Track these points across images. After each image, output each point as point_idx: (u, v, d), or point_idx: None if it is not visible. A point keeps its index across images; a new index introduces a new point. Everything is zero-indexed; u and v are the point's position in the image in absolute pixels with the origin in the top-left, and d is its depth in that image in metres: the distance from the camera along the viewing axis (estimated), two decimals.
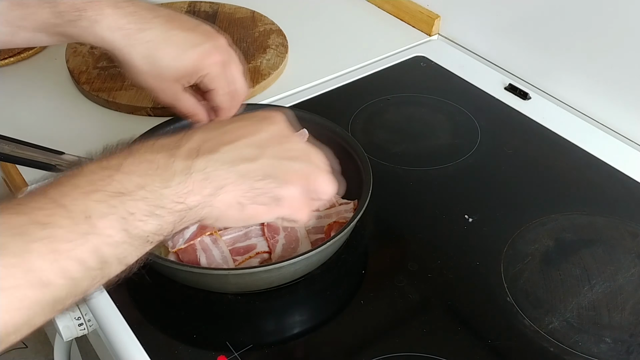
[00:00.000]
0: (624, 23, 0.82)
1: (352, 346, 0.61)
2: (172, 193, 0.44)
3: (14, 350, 1.72)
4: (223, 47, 0.65)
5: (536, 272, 0.68)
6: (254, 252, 0.66)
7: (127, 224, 0.41)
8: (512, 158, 0.84)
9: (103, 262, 0.40)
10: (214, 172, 0.46)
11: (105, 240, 0.40)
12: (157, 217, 0.43)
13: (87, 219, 0.40)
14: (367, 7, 1.17)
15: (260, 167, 0.49)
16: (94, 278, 0.41)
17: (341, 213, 0.70)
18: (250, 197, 0.48)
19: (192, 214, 0.46)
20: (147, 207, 0.42)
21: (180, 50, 0.62)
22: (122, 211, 0.41)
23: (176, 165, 0.45)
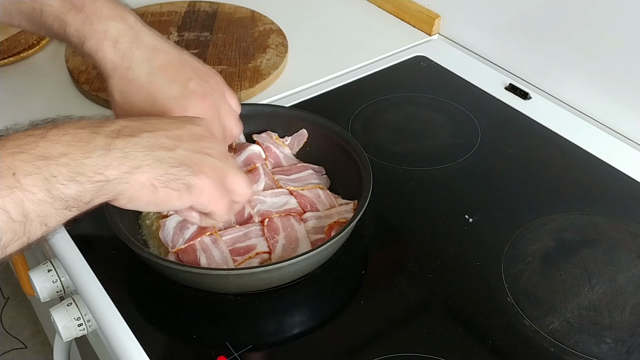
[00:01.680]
0: (624, 23, 0.82)
1: (352, 346, 0.61)
2: (92, 163, 0.47)
3: (14, 351, 1.73)
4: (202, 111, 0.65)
5: (536, 272, 0.68)
6: (254, 252, 0.66)
7: (50, 184, 0.44)
8: (512, 158, 0.84)
9: (25, 217, 0.43)
10: (132, 152, 0.50)
11: (29, 197, 0.43)
12: (78, 183, 0.46)
13: (13, 175, 0.43)
14: (367, 6, 1.17)
15: (176, 156, 0.52)
16: (15, 232, 0.43)
17: (341, 213, 0.70)
18: (163, 181, 0.51)
19: (110, 187, 0.48)
20: (68, 172, 0.45)
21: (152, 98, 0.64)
22: (45, 172, 0.44)
23: (97, 141, 0.48)
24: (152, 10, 1.09)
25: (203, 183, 0.54)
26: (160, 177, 0.51)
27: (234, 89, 0.91)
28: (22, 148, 0.44)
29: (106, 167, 0.47)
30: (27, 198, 0.43)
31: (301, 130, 0.78)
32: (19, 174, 0.43)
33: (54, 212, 0.45)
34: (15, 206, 0.42)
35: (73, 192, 0.46)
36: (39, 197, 0.44)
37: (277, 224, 0.68)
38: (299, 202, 0.71)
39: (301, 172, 0.75)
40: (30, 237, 0.45)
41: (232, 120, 0.68)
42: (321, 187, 0.73)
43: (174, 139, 0.53)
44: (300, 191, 0.72)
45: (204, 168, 0.54)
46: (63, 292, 0.71)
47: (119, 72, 0.64)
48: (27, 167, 0.43)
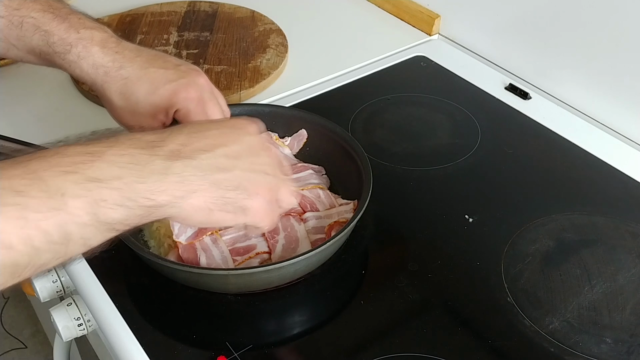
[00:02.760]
0: (624, 23, 0.82)
1: (352, 346, 0.61)
2: (145, 189, 0.46)
3: (14, 351, 1.73)
4: (201, 85, 0.65)
5: (536, 272, 0.68)
6: (253, 252, 0.66)
7: (97, 208, 0.43)
8: (512, 158, 0.84)
9: (67, 239, 0.42)
10: (190, 176, 0.48)
11: (73, 219, 0.42)
12: (126, 208, 0.45)
13: (61, 196, 0.42)
14: (367, 6, 1.17)
15: (233, 178, 0.51)
16: (56, 253, 0.42)
17: (341, 213, 0.70)
18: (219, 205, 0.51)
19: (160, 211, 0.47)
20: (119, 197, 0.44)
21: (153, 86, 0.64)
22: (95, 195, 0.43)
23: (155, 165, 0.47)
24: (152, 10, 1.09)
25: (258, 205, 0.53)
26: (216, 201, 0.50)
27: (234, 89, 0.92)
28: (76, 167, 0.43)
29: (160, 193, 0.46)
30: (72, 220, 0.42)
31: (300, 131, 0.78)
32: (67, 196, 0.42)
33: (98, 234, 0.44)
34: (58, 229, 0.42)
35: (120, 217, 0.45)
36: (84, 220, 0.43)
37: (277, 224, 0.68)
38: (299, 202, 0.71)
39: (301, 172, 0.75)
40: (71, 257, 0.44)
41: (223, 100, 0.69)
42: (321, 187, 0.73)
43: (232, 157, 0.52)
44: (300, 191, 0.72)
45: (260, 189, 0.53)
46: (63, 292, 0.71)
47: (112, 74, 0.64)
48: (77, 189, 0.42)
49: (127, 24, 1.05)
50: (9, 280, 0.41)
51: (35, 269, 0.42)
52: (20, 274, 0.41)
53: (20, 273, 0.41)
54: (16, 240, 0.40)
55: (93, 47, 0.64)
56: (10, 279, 0.41)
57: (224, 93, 0.90)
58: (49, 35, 0.63)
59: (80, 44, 0.63)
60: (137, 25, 1.05)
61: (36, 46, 0.64)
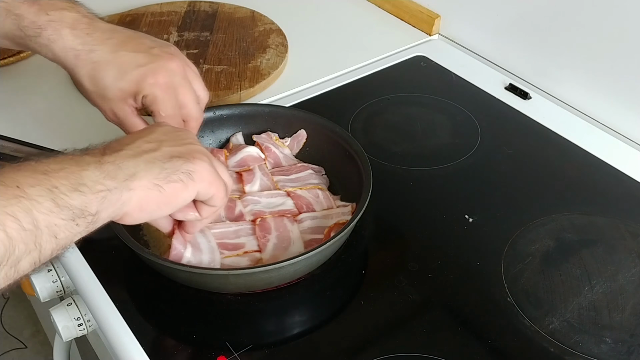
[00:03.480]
0: (624, 23, 0.82)
1: (352, 346, 0.61)
2: (90, 174, 0.48)
3: (14, 351, 1.73)
4: (172, 70, 0.64)
5: (536, 272, 0.68)
6: (242, 250, 0.66)
7: (54, 194, 0.45)
8: (512, 158, 0.84)
9: (35, 226, 0.43)
10: (123, 162, 0.51)
11: (36, 206, 0.43)
12: (81, 194, 0.46)
13: (17, 187, 0.43)
14: (367, 6, 1.17)
15: (163, 154, 0.53)
16: (27, 244, 0.43)
17: (339, 215, 0.70)
18: (164, 178, 0.52)
19: (113, 197, 0.49)
20: (69, 184, 0.46)
21: (122, 71, 0.63)
22: (47, 184, 0.45)
23: (88, 158, 0.49)
24: (152, 10, 1.09)
25: (200, 166, 0.54)
26: (159, 175, 0.52)
27: (234, 89, 0.92)
28: (20, 167, 0.45)
29: (104, 178, 0.48)
30: (35, 207, 0.43)
31: (300, 131, 0.78)
32: (23, 186, 0.43)
33: (61, 222, 0.45)
34: (25, 214, 0.42)
35: (77, 203, 0.46)
36: (46, 206, 0.44)
37: (270, 224, 0.68)
38: (295, 203, 0.71)
39: (301, 172, 0.75)
40: (41, 252, 0.44)
41: (200, 84, 0.68)
42: (320, 188, 0.73)
43: (153, 141, 0.54)
44: (299, 191, 0.72)
45: (194, 154, 0.55)
46: (63, 292, 0.71)
47: (82, 58, 0.63)
48: (30, 180, 0.44)
49: (127, 24, 1.05)
50: None
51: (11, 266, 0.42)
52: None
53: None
54: None
55: (63, 30, 0.63)
56: None
57: (223, 93, 0.91)
58: (20, 19, 0.62)
59: (50, 27, 0.62)
60: (137, 25, 1.05)
61: (9, 31, 0.63)
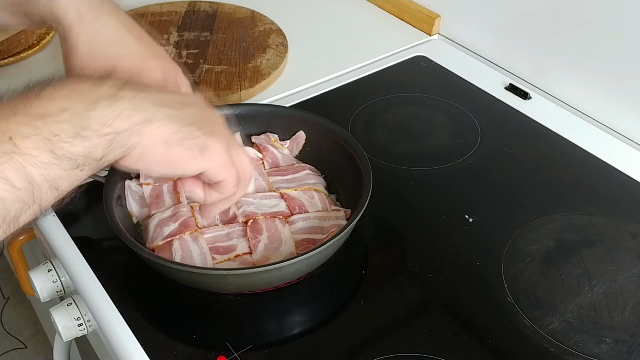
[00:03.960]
0: (624, 23, 0.82)
1: (352, 346, 0.61)
2: (98, 115, 0.43)
3: (14, 351, 1.73)
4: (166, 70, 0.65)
5: (536, 272, 0.68)
6: (233, 254, 0.66)
7: (52, 144, 0.41)
8: (512, 158, 0.84)
9: (31, 183, 0.40)
10: (142, 103, 0.46)
11: (31, 160, 0.40)
12: (84, 139, 0.43)
13: (9, 139, 0.39)
14: (367, 6, 1.17)
15: (187, 115, 0.49)
16: (24, 202, 0.40)
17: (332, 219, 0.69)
18: (177, 139, 0.48)
19: (121, 140, 0.45)
20: (71, 128, 0.42)
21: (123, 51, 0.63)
22: (45, 132, 0.41)
23: (102, 91, 0.44)
24: (152, 10, 1.09)
25: (215, 146, 0.51)
26: (174, 134, 0.48)
27: (234, 89, 0.92)
28: (17, 109, 0.41)
29: (114, 119, 0.44)
30: (29, 162, 0.40)
31: (298, 133, 0.78)
32: (16, 138, 0.40)
33: (63, 173, 0.42)
34: (17, 173, 0.39)
35: (81, 150, 0.42)
36: (42, 159, 0.41)
37: (261, 225, 0.68)
38: (288, 205, 0.71)
39: (297, 172, 0.75)
40: (42, 204, 0.42)
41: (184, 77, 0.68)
42: (316, 189, 0.73)
43: (180, 102, 0.51)
44: (293, 192, 0.72)
45: (215, 131, 0.51)
46: (63, 292, 0.71)
47: (86, 21, 0.61)
48: (25, 129, 0.40)
49: None
50: None
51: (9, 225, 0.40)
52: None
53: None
54: None
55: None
56: None
57: (224, 93, 0.91)
58: None
59: None
60: None
61: None
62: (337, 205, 0.73)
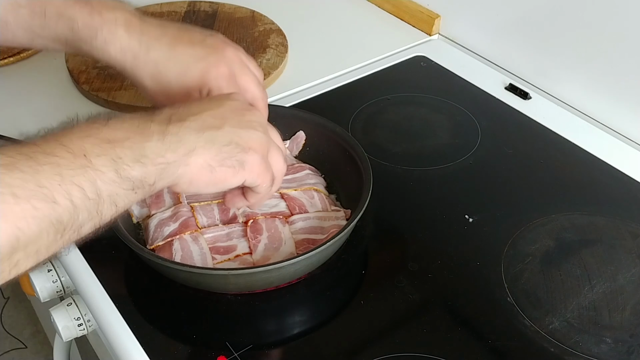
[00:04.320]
0: (624, 23, 0.82)
1: (352, 346, 0.61)
2: (152, 146, 0.50)
3: (14, 351, 1.73)
4: (230, 59, 0.65)
5: (537, 272, 0.68)
6: (233, 254, 0.66)
7: (117, 165, 0.47)
8: (512, 158, 0.84)
9: (99, 195, 0.46)
10: (186, 136, 0.52)
11: (100, 176, 0.46)
12: (142, 165, 0.49)
13: (84, 156, 0.45)
14: (367, 6, 1.17)
15: (225, 134, 0.55)
16: (90, 212, 0.45)
17: (332, 219, 0.70)
18: (219, 161, 0.54)
19: (171, 170, 0.51)
20: (132, 154, 0.48)
21: (184, 66, 0.64)
22: (112, 154, 0.47)
23: (153, 128, 0.51)
24: (152, 11, 1.09)
25: (253, 159, 0.56)
26: (215, 157, 0.54)
27: None
28: (89, 132, 0.47)
29: (166, 151, 0.50)
30: (99, 177, 0.45)
31: (298, 133, 0.78)
32: (89, 155, 0.45)
33: (122, 192, 0.47)
34: (90, 184, 0.45)
35: (138, 174, 0.48)
36: (109, 176, 0.46)
37: (261, 225, 0.68)
38: (288, 205, 0.71)
39: (297, 172, 0.75)
40: (102, 218, 0.47)
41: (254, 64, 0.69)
42: (316, 189, 0.73)
43: (219, 117, 0.55)
44: (293, 192, 0.72)
45: (252, 143, 0.56)
46: (63, 292, 0.71)
47: (141, 58, 0.63)
48: (96, 149, 0.46)
49: None
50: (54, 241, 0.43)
51: (74, 231, 0.45)
52: (63, 234, 0.44)
53: (62, 232, 0.44)
54: (58, 195, 0.43)
55: (118, 30, 0.62)
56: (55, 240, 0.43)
57: None
58: (73, 22, 0.62)
59: (105, 28, 0.62)
60: None
61: (61, 34, 0.63)
62: (337, 206, 0.73)
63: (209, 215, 0.69)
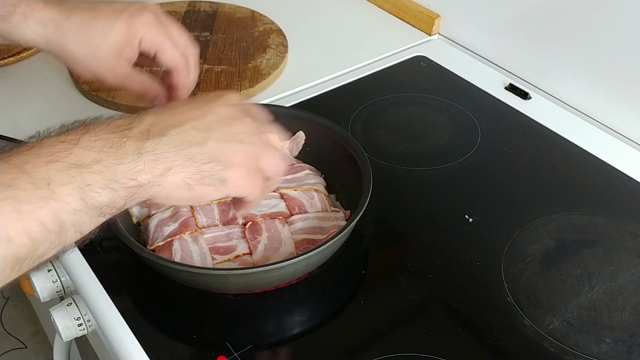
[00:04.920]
0: (624, 23, 0.82)
1: (352, 346, 0.61)
2: (125, 170, 0.47)
3: (14, 351, 1.73)
4: (152, 8, 0.64)
5: (536, 272, 0.68)
6: (233, 254, 0.66)
7: (84, 193, 0.44)
8: (512, 158, 0.84)
9: (61, 227, 0.43)
10: (163, 154, 0.49)
11: (64, 207, 0.43)
12: (111, 191, 0.46)
13: (47, 185, 0.43)
14: (367, 6, 1.17)
15: (207, 151, 0.51)
16: (52, 242, 0.43)
17: (332, 219, 0.69)
18: (197, 179, 0.51)
19: (143, 191, 0.48)
20: (102, 180, 0.45)
21: (109, 22, 0.62)
22: (79, 181, 0.44)
23: (128, 145, 0.48)
24: None
25: (236, 174, 0.53)
26: (193, 176, 0.51)
27: (234, 89, 0.92)
28: (56, 156, 0.44)
29: (139, 172, 0.47)
30: (63, 208, 0.43)
31: (298, 133, 0.78)
32: (53, 184, 0.43)
33: (88, 219, 0.45)
34: (52, 217, 0.42)
35: (107, 200, 0.46)
36: (74, 206, 0.44)
37: (261, 226, 0.68)
38: (287, 205, 0.71)
39: (297, 172, 0.75)
40: (65, 245, 0.45)
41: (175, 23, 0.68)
42: (316, 190, 0.73)
43: (202, 130, 0.52)
44: (293, 192, 0.72)
45: (236, 158, 0.53)
46: (63, 292, 0.71)
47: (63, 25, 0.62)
48: (62, 177, 0.43)
49: None
50: (10, 275, 0.42)
51: (33, 261, 0.43)
52: (20, 267, 0.42)
53: (20, 266, 0.42)
54: (14, 233, 0.41)
55: (37, 5, 0.61)
56: (12, 274, 0.42)
57: None
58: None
59: (23, 3, 0.61)
60: None
61: None
62: (337, 206, 0.73)
63: (208, 216, 0.69)
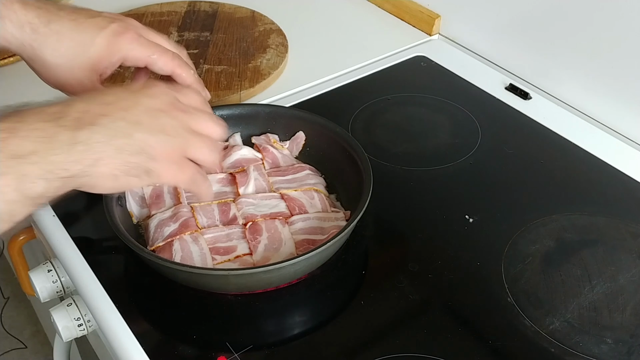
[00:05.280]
0: (624, 23, 0.82)
1: (352, 347, 0.61)
2: (59, 160, 0.47)
3: (14, 351, 1.73)
4: (133, 24, 0.64)
5: (537, 273, 0.68)
6: (233, 254, 0.66)
7: (22, 184, 0.45)
8: (513, 158, 0.84)
9: None
10: (95, 144, 0.50)
11: (1, 197, 0.44)
12: (46, 181, 0.47)
13: None
14: (367, 6, 1.17)
15: (134, 143, 0.52)
16: None
17: (332, 220, 0.69)
18: (124, 170, 0.52)
19: (73, 181, 0.49)
20: (38, 170, 0.46)
21: (89, 36, 0.62)
22: (17, 172, 0.45)
23: (62, 135, 0.48)
24: (152, 10, 1.09)
25: (161, 166, 0.54)
26: (120, 167, 0.51)
27: (234, 89, 0.92)
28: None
29: (72, 163, 0.48)
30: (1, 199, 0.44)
31: (298, 133, 0.78)
32: None
33: (22, 209, 0.46)
34: None
35: (41, 190, 0.46)
36: (12, 197, 0.45)
37: (261, 227, 0.68)
38: (288, 205, 0.71)
39: (298, 172, 0.75)
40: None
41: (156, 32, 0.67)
42: (317, 190, 0.73)
43: (131, 122, 0.53)
44: (293, 192, 0.72)
45: (161, 149, 0.54)
46: (63, 292, 0.71)
47: (41, 31, 0.61)
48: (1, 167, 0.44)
49: None
50: None
51: None
52: None
53: None
54: None
55: (14, 5, 0.60)
56: None
57: (224, 93, 0.91)
58: None
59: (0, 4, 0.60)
60: None
61: None
62: (337, 206, 0.73)
63: (209, 216, 0.69)
